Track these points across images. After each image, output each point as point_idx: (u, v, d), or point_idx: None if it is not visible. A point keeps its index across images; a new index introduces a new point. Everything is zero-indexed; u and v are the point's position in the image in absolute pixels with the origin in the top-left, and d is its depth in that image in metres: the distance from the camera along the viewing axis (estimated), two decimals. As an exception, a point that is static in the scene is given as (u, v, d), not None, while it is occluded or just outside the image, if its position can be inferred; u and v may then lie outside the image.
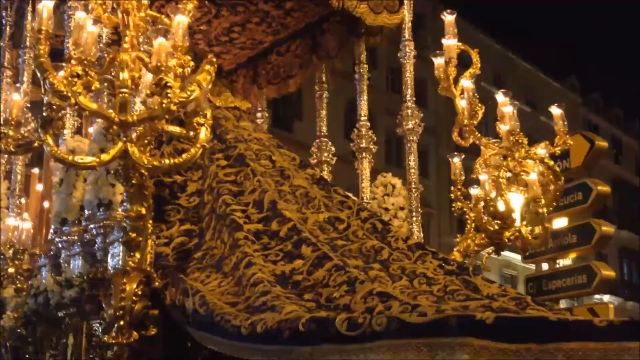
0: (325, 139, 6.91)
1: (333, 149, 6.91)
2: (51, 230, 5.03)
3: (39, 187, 6.32)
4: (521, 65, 31.29)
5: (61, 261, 4.82)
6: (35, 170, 6.48)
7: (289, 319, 3.08)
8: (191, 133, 3.65)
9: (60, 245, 4.83)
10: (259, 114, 7.82)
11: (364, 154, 6.44)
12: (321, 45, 6.84)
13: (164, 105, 3.44)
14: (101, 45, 4.59)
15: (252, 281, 3.67)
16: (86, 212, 4.63)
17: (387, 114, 6.55)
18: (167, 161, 3.68)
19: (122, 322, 3.62)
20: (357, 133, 6.50)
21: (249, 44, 7.13)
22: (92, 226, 4.48)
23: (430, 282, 4.02)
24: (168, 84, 3.43)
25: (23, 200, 6.32)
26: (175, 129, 3.79)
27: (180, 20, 3.73)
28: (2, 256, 5.49)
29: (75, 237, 4.70)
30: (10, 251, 5.41)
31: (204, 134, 3.62)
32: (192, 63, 3.69)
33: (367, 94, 6.62)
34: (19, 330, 5.00)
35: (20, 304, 4.99)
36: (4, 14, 6.79)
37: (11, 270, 5.33)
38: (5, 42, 6.67)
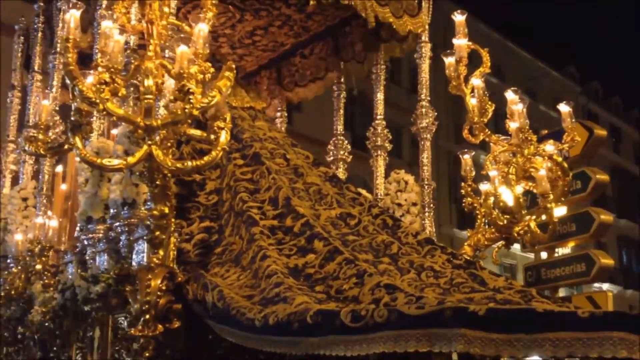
0: (342, 137, 7.10)
1: (349, 147, 7.09)
2: (77, 228, 5.24)
3: (64, 186, 6.54)
4: (520, 54, 31.28)
5: (87, 257, 5.03)
6: (59, 169, 6.70)
7: (298, 311, 3.26)
8: (212, 136, 3.82)
9: (86, 242, 5.03)
10: (278, 114, 8.04)
11: (379, 152, 6.63)
12: (345, 48, 7.04)
13: (186, 110, 3.63)
14: (128, 51, 4.80)
15: (267, 273, 3.87)
16: (111, 210, 4.84)
17: (386, 104, 6.71)
18: (189, 163, 3.88)
19: (147, 316, 3.83)
20: (372, 131, 6.68)
21: (270, 46, 7.35)
22: (117, 224, 4.67)
23: (438, 275, 4.20)
24: (190, 90, 3.62)
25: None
26: (196, 132, 3.98)
27: (201, 29, 3.91)
28: (29, 253, 5.72)
29: (101, 235, 4.91)
30: (37, 248, 5.63)
31: (224, 137, 3.81)
32: (212, 69, 3.87)
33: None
34: (46, 324, 5.23)
35: (48, 299, 5.21)
36: (36, 20, 7.03)
37: (38, 267, 5.54)
38: (37, 47, 6.92)
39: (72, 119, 3.70)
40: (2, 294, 5.84)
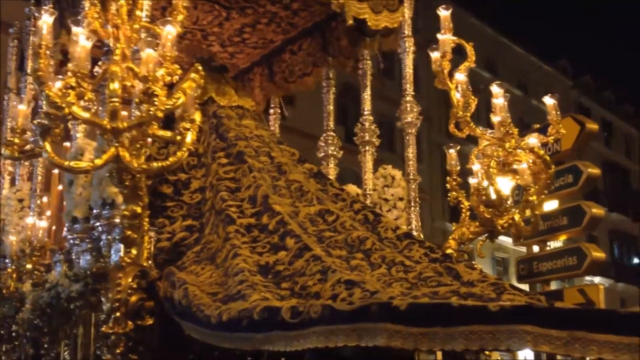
0: (332, 133, 7.12)
1: (340, 143, 7.12)
2: (65, 228, 5.36)
3: (60, 187, 6.67)
4: (512, 48, 31.35)
5: (73, 256, 5.15)
6: (56, 171, 6.82)
7: (248, 307, 3.34)
8: (178, 137, 3.90)
9: (72, 241, 5.16)
10: (271, 111, 8.09)
11: (367, 147, 6.66)
12: (332, 43, 7.08)
13: (150, 112, 3.72)
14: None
15: (234, 271, 3.95)
16: (94, 210, 4.94)
17: (380, 98, 6.73)
18: (155, 164, 3.95)
19: (118, 314, 3.92)
20: (360, 127, 6.71)
21: (260, 43, 7.40)
22: (98, 224, 4.77)
23: (407, 270, 4.26)
24: (154, 92, 3.70)
25: (45, 199, 6.70)
26: (165, 133, 4.05)
27: (169, 31, 4.00)
28: (21, 253, 5.86)
29: (85, 234, 5.02)
30: (29, 248, 5.76)
31: (189, 138, 3.88)
32: (179, 71, 3.95)
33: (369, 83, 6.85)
34: (36, 322, 5.35)
35: (36, 297, 5.34)
36: (27, 23, 7.13)
37: (29, 266, 5.68)
38: (30, 50, 7.01)
39: (41, 122, 3.78)
40: (-4, 293, 5.99)
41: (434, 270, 4.50)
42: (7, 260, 6.33)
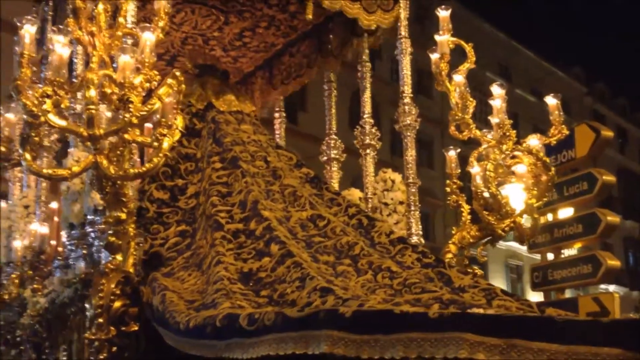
0: (335, 137, 7.07)
1: (343, 146, 7.08)
2: (64, 234, 5.42)
3: (67, 193, 6.73)
4: (526, 55, 31.06)
5: (70, 262, 5.21)
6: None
7: (212, 315, 3.33)
8: (155, 143, 3.91)
9: (69, 247, 5.21)
10: (276, 114, 8.08)
11: (367, 151, 6.61)
12: (325, 44, 7.06)
13: (126, 118, 3.73)
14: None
15: (214, 279, 3.94)
16: (88, 217, 4.99)
17: (392, 105, 6.68)
18: (132, 170, 3.96)
19: (100, 319, 3.94)
20: (360, 130, 6.66)
21: (262, 47, 7.39)
22: (90, 230, 4.83)
23: (393, 276, 4.21)
24: (129, 99, 3.71)
25: (55, 204, 6.77)
26: (145, 139, 4.06)
27: (147, 38, 4.01)
28: (24, 259, 5.94)
29: (81, 241, 5.07)
30: (30, 254, 5.83)
31: (166, 144, 3.89)
32: (158, 77, 3.96)
33: (370, 87, 6.75)
34: (36, 327, 5.42)
35: (35, 303, 5.41)
36: None
37: (30, 272, 5.75)
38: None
39: (23, 132, 3.83)
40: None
41: (425, 275, 4.45)
42: (10, 266, 6.42)
